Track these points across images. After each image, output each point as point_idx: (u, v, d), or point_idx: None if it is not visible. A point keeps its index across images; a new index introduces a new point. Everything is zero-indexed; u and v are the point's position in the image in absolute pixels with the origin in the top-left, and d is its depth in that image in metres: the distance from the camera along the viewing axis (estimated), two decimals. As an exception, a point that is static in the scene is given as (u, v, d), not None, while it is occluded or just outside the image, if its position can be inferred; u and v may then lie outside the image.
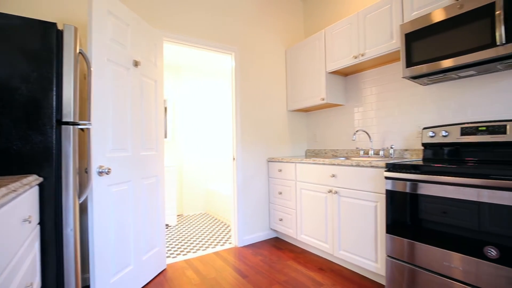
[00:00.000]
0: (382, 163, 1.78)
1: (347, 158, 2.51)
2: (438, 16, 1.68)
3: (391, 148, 2.25)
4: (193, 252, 2.58)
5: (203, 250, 2.63)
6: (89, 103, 1.50)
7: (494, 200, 1.26)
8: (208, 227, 3.39)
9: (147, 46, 2.07)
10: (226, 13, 2.72)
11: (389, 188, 1.68)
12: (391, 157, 2.25)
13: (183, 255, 2.52)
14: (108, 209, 1.66)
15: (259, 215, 2.85)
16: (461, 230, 1.38)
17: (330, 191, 2.16)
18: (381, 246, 1.82)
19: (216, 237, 2.99)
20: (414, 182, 1.56)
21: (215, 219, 3.82)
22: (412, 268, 1.57)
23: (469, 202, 1.35)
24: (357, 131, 2.45)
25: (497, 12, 1.42)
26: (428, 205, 1.51)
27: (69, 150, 1.38)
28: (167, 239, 2.98)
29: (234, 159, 2.72)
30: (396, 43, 2.00)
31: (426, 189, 1.51)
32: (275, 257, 2.41)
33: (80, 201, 1.45)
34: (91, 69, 1.53)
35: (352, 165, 1.99)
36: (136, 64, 1.91)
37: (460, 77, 1.85)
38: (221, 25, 2.67)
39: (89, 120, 1.49)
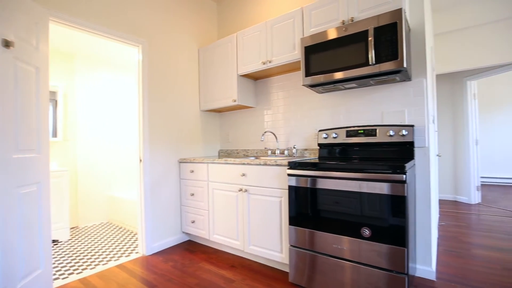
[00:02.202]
0: (285, 162, 1.96)
1: (256, 157, 2.65)
2: (330, 34, 1.96)
3: (294, 148, 2.51)
4: (91, 269, 2.25)
5: (103, 264, 2.33)
6: None
7: (369, 189, 1.55)
8: (111, 238, 3.02)
9: (25, 24, 1.68)
10: (136, 1, 2.48)
11: (291, 184, 1.87)
12: (294, 156, 2.51)
13: (77, 273, 2.16)
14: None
15: (170, 219, 2.72)
16: (347, 216, 1.64)
17: (240, 190, 2.24)
18: (285, 237, 2.00)
19: (121, 248, 2.69)
20: (309, 178, 1.78)
21: (120, 228, 3.43)
22: (312, 254, 1.79)
23: (352, 192, 1.62)
24: (265, 132, 2.63)
25: (369, 39, 1.76)
26: (322, 197, 1.74)
27: None
28: (56, 257, 2.50)
29: (141, 160, 2.50)
30: (297, 54, 2.23)
31: (319, 183, 1.74)
32: (187, 261, 2.34)
33: None
34: None
35: (260, 164, 2.12)
36: (7, 44, 1.53)
37: (346, 88, 2.20)
38: (128, 13, 2.42)
39: None
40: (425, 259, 1.96)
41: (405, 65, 1.67)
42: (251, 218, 2.20)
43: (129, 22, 2.44)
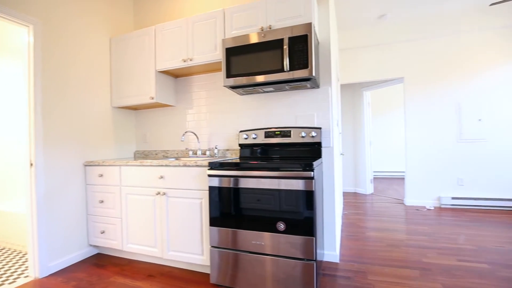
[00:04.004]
0: (206, 162, 1.94)
1: (177, 158, 2.54)
2: (250, 39, 2.03)
3: (216, 148, 2.50)
4: (-47, 306, 1.75)
5: (-27, 297, 1.84)
6: None
7: (282, 186, 1.67)
8: (-12, 262, 2.41)
9: None
10: (18, -30, 2.03)
11: (211, 184, 1.86)
12: (216, 157, 2.50)
13: None
14: None
15: (74, 232, 2.35)
16: (263, 212, 1.72)
17: (158, 193, 2.11)
18: (206, 239, 1.98)
19: (3, 273, 2.18)
20: (228, 178, 1.81)
21: (2, 248, 2.78)
22: (233, 252, 1.81)
23: (266, 190, 1.71)
24: (185, 132, 2.54)
25: (285, 47, 1.90)
26: (240, 196, 1.78)
27: None
28: None
29: (32, 165, 2.08)
30: (219, 55, 2.24)
31: (237, 183, 1.78)
32: (95, 278, 2.06)
33: None
34: None
35: (179, 165, 2.04)
36: None
37: (264, 92, 2.32)
38: (8, -16, 1.97)
39: None
40: (331, 245, 2.23)
41: (314, 74, 1.87)
42: (170, 223, 2.09)
43: (14, -4, 1.99)
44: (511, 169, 3.71)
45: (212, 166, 1.87)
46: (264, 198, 1.71)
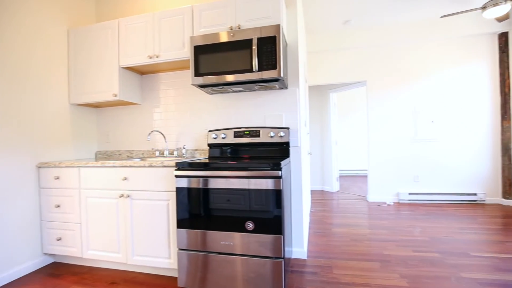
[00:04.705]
0: (173, 163, 1.89)
1: (142, 159, 2.44)
2: (219, 38, 2.01)
3: (184, 148, 2.45)
4: None
5: None
6: None
7: (250, 186, 1.68)
8: None
9: None
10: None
11: (178, 185, 1.81)
12: (184, 157, 2.44)
13: None
14: None
15: (24, 241, 2.15)
16: (236, 212, 1.71)
17: (122, 196, 2.00)
18: (174, 241, 1.92)
19: None
20: (194, 178, 1.77)
21: None
22: (202, 254, 1.78)
23: (234, 189, 1.71)
24: (151, 131, 2.45)
25: (253, 47, 1.91)
26: (208, 197, 1.76)
27: None
28: None
29: (-27, 167, 1.87)
30: (187, 52, 2.18)
31: (204, 183, 1.76)
32: (50, 288, 1.91)
33: None
34: None
35: (145, 166, 1.96)
36: None
37: (234, 91, 2.32)
38: None
39: None
40: (299, 242, 2.29)
41: (282, 75, 1.90)
42: (135, 226, 2.00)
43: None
44: (459, 166, 4.10)
45: (180, 166, 1.82)
46: (233, 198, 1.71)
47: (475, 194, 4.01)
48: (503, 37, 3.91)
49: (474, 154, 4.06)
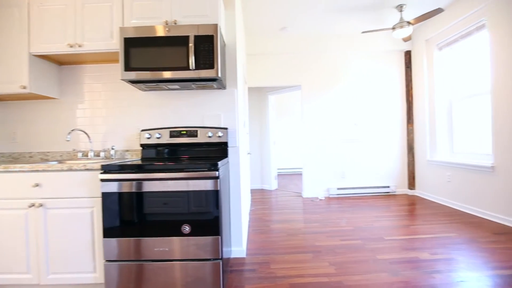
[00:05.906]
0: (98, 165, 1.70)
1: (60, 161, 2.13)
2: (153, 31, 1.89)
3: (112, 149, 2.23)
4: None
5: None
6: None
7: (186, 187, 1.62)
8: None
9: None
10: None
11: (104, 190, 1.64)
12: (112, 158, 2.23)
13: None
14: None
15: None
16: (171, 216, 1.63)
17: (32, 205, 1.71)
18: (100, 253, 1.73)
19: None
20: (126, 181, 1.63)
21: None
22: (135, 264, 1.64)
23: (167, 192, 1.63)
24: (72, 130, 2.16)
25: (190, 45, 1.86)
26: (137, 201, 1.64)
27: None
28: None
29: None
30: (116, 44, 1.99)
31: (134, 187, 1.64)
32: None
33: None
34: None
35: (62, 170, 1.71)
36: None
37: (169, 89, 2.21)
38: None
39: None
40: (238, 241, 2.31)
41: (219, 75, 1.89)
42: (50, 239, 1.73)
43: None
44: (376, 163, 4.73)
45: (107, 169, 1.64)
46: (167, 201, 1.63)
47: (388, 187, 4.67)
48: (408, 54, 4.66)
49: (387, 153, 4.73)
